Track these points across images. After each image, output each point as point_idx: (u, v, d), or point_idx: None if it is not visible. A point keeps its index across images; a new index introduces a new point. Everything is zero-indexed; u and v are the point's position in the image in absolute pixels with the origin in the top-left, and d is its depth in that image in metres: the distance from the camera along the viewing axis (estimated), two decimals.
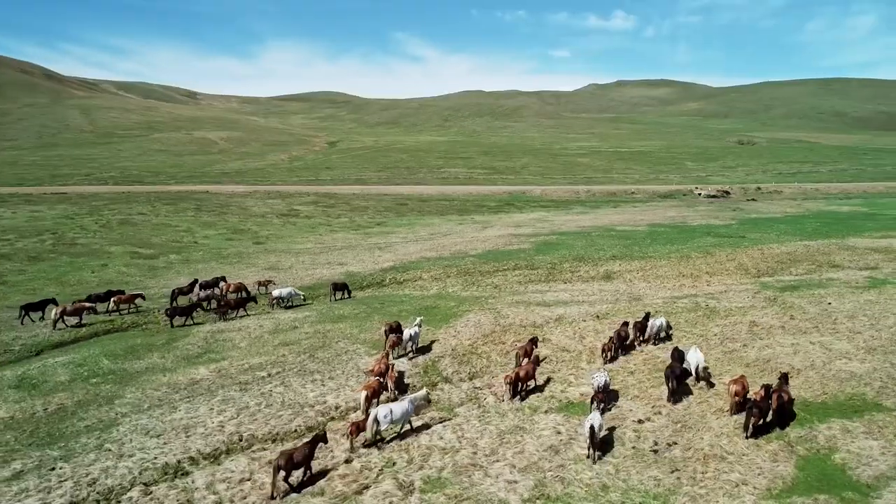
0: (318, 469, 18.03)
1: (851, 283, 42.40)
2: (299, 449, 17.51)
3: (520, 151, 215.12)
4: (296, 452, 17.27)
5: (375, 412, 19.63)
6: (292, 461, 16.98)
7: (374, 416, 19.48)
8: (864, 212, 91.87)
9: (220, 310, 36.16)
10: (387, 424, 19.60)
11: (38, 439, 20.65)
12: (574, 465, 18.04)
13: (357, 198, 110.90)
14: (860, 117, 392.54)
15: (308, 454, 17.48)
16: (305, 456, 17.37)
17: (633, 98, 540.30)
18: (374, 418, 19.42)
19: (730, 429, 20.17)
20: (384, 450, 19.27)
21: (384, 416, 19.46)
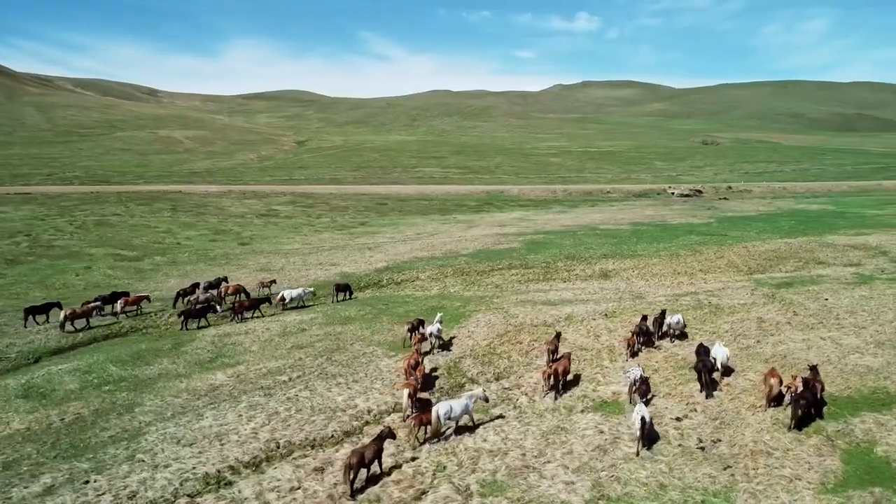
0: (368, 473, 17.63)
1: (841, 279, 43.60)
2: (369, 446, 17.44)
3: (492, 151, 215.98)
4: (367, 450, 17.21)
5: (437, 408, 19.78)
6: (363, 459, 16.95)
7: (436, 411, 19.59)
8: (832, 210, 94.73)
9: (237, 311, 35.41)
10: (446, 420, 19.80)
11: (62, 451, 19.70)
12: (626, 465, 18.02)
13: (335, 197, 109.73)
14: (816, 119, 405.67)
15: (378, 451, 17.49)
16: (375, 453, 17.39)
17: (598, 98, 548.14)
18: (437, 414, 19.52)
19: (767, 424, 20.44)
20: (431, 453, 18.95)
21: (445, 412, 19.70)
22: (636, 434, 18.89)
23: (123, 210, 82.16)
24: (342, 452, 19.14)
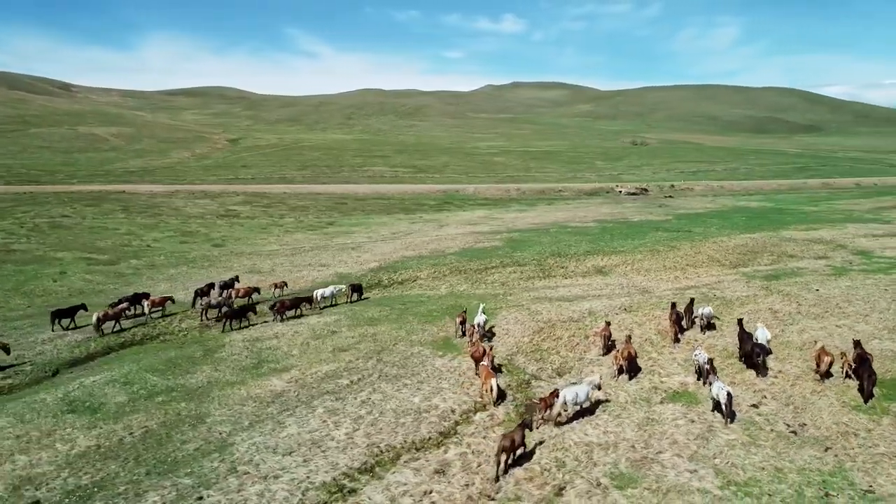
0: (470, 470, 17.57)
1: (818, 271, 46.69)
2: (516, 432, 18.25)
3: (435, 151, 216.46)
4: (515, 436, 17.99)
5: (564, 393, 20.65)
6: (514, 444, 17.70)
7: (563, 397, 20.57)
8: (772, 207, 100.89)
9: (279, 310, 34.70)
10: (572, 406, 20.69)
11: (152, 467, 18.49)
12: (732, 451, 18.79)
13: (291, 197, 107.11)
14: (731, 121, 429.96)
15: (521, 439, 18.25)
16: (522, 439, 18.27)
17: (528, 99, 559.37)
18: (563, 399, 20.50)
19: (837, 407, 21.82)
20: (544, 450, 19.07)
21: (571, 397, 20.58)
22: (724, 408, 20.36)
23: (71, 211, 77.12)
24: (452, 453, 19.01)
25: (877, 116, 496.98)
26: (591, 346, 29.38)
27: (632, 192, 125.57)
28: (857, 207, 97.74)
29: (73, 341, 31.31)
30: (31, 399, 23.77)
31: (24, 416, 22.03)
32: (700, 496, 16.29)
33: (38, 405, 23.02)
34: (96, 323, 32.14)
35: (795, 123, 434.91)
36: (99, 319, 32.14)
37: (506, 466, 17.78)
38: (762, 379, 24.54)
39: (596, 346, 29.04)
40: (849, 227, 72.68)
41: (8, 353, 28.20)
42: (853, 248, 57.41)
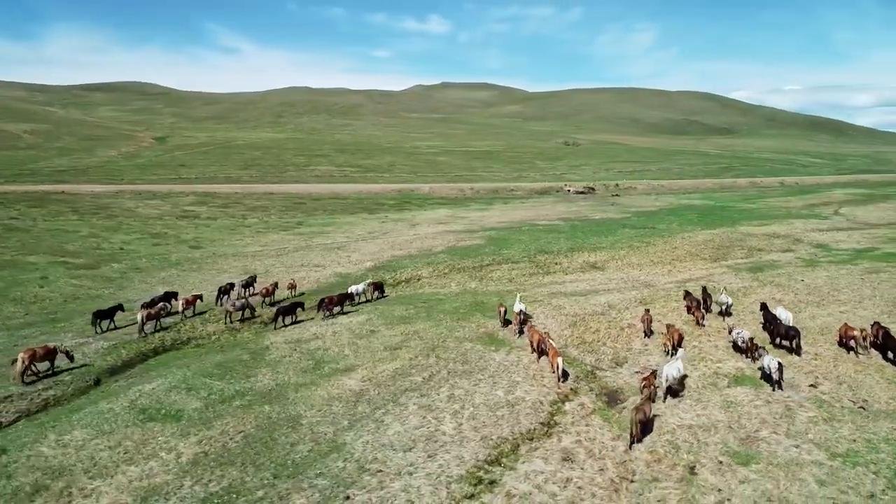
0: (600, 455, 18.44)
1: (792, 263, 50.38)
2: (645, 406, 20.29)
3: (376, 150, 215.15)
4: (645, 408, 20.14)
5: (667, 369, 22.59)
6: (646, 416, 20.02)
7: (666, 373, 22.81)
8: (714, 205, 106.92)
9: (326, 308, 34.90)
10: (672, 380, 22.55)
11: (276, 470, 18.14)
12: (818, 427, 20.46)
13: (246, 197, 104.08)
14: (653, 123, 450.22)
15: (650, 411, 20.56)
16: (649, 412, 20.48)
17: (457, 99, 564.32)
18: (666, 375, 22.40)
19: (884, 383, 24.12)
20: (651, 434, 20.05)
21: (674, 373, 22.64)
22: (774, 378, 23.08)
23: (17, 213, 71.96)
24: (567, 442, 19.72)
25: (782, 120, 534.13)
26: (632, 337, 30.77)
27: (580, 191, 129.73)
28: (791, 205, 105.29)
29: (100, 349, 29.70)
30: (94, 409, 22.55)
31: (101, 427, 20.94)
32: (817, 467, 17.74)
33: (108, 415, 21.90)
34: (141, 323, 31.65)
35: (710, 126, 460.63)
36: (143, 319, 31.63)
37: (640, 436, 19.46)
38: (804, 361, 26.64)
39: (638, 336, 30.54)
40: (795, 223, 78.41)
41: (72, 360, 27.20)
42: (810, 241, 62.15)
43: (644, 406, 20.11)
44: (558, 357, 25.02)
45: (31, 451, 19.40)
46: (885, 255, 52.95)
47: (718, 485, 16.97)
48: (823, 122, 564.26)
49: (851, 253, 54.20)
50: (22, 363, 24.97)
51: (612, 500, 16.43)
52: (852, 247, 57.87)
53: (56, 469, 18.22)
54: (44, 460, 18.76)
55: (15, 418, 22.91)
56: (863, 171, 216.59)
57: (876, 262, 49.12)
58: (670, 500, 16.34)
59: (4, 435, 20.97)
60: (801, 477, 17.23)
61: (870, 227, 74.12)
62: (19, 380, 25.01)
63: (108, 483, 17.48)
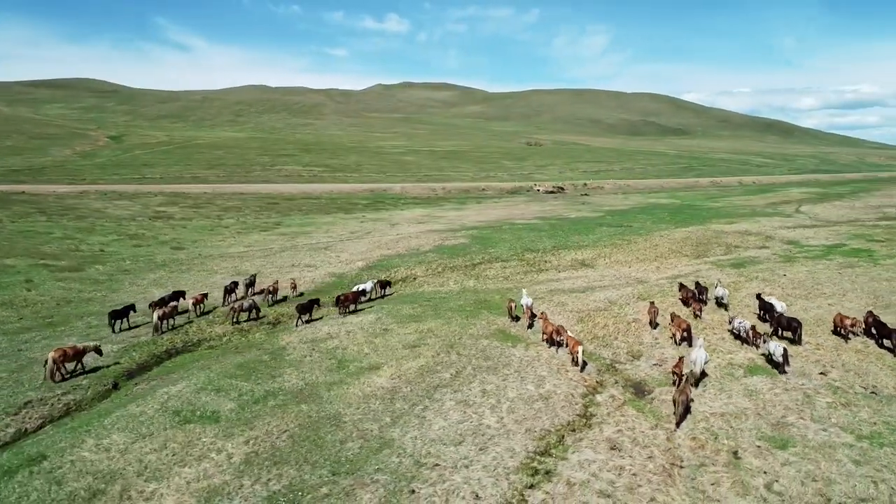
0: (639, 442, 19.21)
1: (770, 259, 52.55)
2: (686, 389, 21.71)
3: (342, 150, 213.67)
4: (687, 391, 21.60)
5: (695, 356, 24.16)
6: (688, 398, 21.46)
7: (693, 358, 24.27)
8: (681, 204, 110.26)
9: (343, 305, 35.63)
10: (698, 367, 23.99)
11: (333, 468, 18.22)
12: (838, 412, 21.65)
13: (216, 197, 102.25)
14: (611, 124, 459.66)
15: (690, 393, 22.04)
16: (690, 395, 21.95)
17: (419, 99, 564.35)
18: (693, 360, 24.19)
19: (887, 370, 25.57)
20: (681, 428, 20.88)
21: (701, 360, 24.49)
22: (780, 361, 24.94)
23: None
24: (609, 432, 20.39)
25: (734, 121, 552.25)
26: (640, 331, 31.77)
27: (550, 190, 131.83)
28: (753, 203, 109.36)
29: (110, 352, 29.04)
30: (125, 413, 22.10)
31: (139, 430, 20.60)
32: (848, 449, 18.84)
33: (142, 418, 21.52)
34: (156, 322, 31.83)
35: (666, 127, 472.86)
36: (160, 318, 31.92)
37: (684, 417, 20.82)
38: (807, 351, 28.03)
39: (646, 331, 31.59)
40: (762, 221, 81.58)
41: (101, 355, 27.54)
42: (781, 238, 64.83)
43: (686, 389, 21.42)
44: (579, 346, 26.30)
45: (73, 455, 18.98)
46: (853, 250, 55.68)
47: (763, 467, 17.88)
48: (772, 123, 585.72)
49: (823, 249, 56.79)
50: (53, 363, 24.81)
51: (668, 484, 17.14)
52: (822, 243, 60.62)
53: (106, 473, 17.91)
54: (90, 465, 18.40)
55: (39, 424, 22.35)
56: (812, 170, 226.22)
57: (847, 258, 51.65)
58: (723, 483, 17.14)
59: (37, 441, 20.43)
60: (837, 458, 18.29)
61: (832, 225, 77.68)
62: (50, 380, 24.79)
63: (166, 485, 17.29)
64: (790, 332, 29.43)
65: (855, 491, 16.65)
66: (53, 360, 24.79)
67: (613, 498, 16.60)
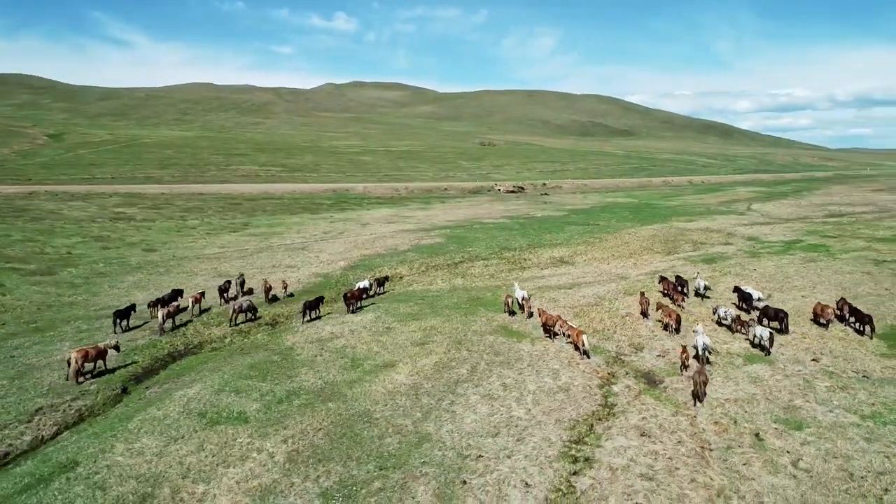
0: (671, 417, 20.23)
1: (737, 255, 55.09)
2: (703, 371, 23.43)
3: (296, 150, 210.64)
4: (704, 372, 23.49)
5: (700, 341, 26.69)
6: (706, 378, 23.21)
7: (700, 342, 26.56)
8: (639, 203, 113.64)
9: (350, 302, 36.13)
10: (707, 349, 26.66)
11: (378, 463, 18.45)
12: (838, 395, 23.26)
13: (175, 198, 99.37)
14: (561, 125, 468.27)
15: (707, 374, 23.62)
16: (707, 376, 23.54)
17: (370, 99, 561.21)
18: (702, 344, 26.50)
19: (870, 355, 27.56)
20: (701, 414, 22.01)
21: (707, 342, 26.96)
22: (766, 345, 27.45)
23: None
24: (634, 420, 21.33)
25: (677, 123, 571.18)
26: (636, 325, 33.00)
27: (511, 190, 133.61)
28: (706, 202, 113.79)
29: (112, 356, 28.25)
30: (147, 416, 21.68)
31: (169, 433, 20.28)
32: (857, 428, 20.32)
33: (167, 421, 21.18)
34: (162, 321, 31.82)
35: (613, 128, 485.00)
36: (163, 318, 31.92)
37: (704, 394, 22.61)
38: (795, 339, 29.79)
39: (643, 324, 32.86)
40: (719, 219, 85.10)
41: (119, 352, 27.99)
42: (741, 235, 67.94)
43: (703, 370, 23.42)
44: (583, 335, 27.88)
45: (106, 460, 18.58)
46: (811, 245, 58.96)
47: (786, 447, 19.10)
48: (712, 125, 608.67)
49: (783, 245, 59.88)
50: (76, 363, 24.88)
51: (703, 466, 18.12)
52: (780, 239, 63.87)
53: (149, 476, 17.63)
54: (129, 469, 18.06)
55: (55, 431, 21.66)
56: (754, 171, 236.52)
57: (808, 252, 54.71)
58: (753, 462, 18.24)
59: (60, 447, 19.85)
60: (850, 436, 19.71)
61: (784, 222, 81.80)
62: (74, 380, 24.86)
63: (215, 486, 17.17)
64: (777, 323, 31.18)
65: (873, 465, 18.02)
66: (76, 360, 24.76)
67: (656, 480, 17.45)
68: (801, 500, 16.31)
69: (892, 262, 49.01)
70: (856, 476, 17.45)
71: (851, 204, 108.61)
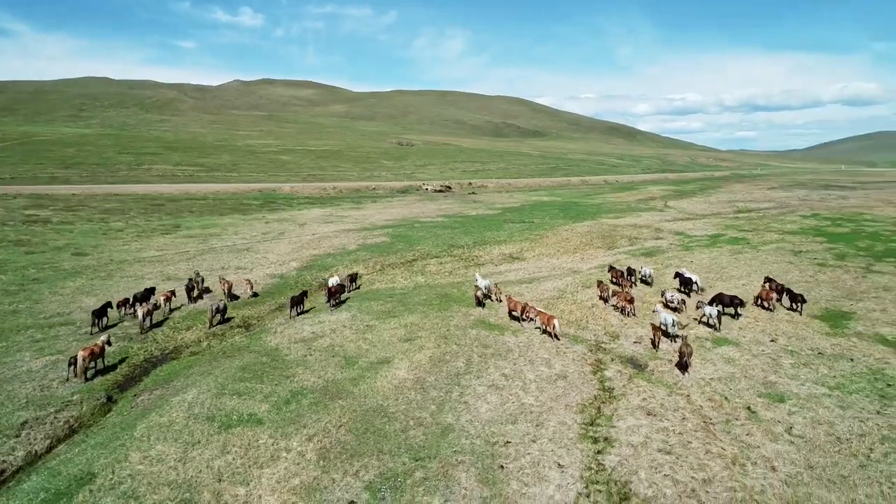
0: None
1: (671, 248, 58.83)
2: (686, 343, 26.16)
3: (210, 148, 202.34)
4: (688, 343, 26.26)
5: (663, 318, 30.26)
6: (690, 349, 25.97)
7: (665, 319, 30.01)
8: (564, 201, 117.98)
9: (333, 297, 36.91)
10: (673, 324, 30.03)
11: (412, 455, 18.73)
12: (802, 370, 25.78)
13: (89, 199, 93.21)
14: (475, 125, 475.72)
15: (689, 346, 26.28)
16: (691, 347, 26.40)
17: (281, 97, 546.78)
18: (669, 320, 29.84)
19: (818, 334, 30.56)
20: (695, 386, 23.78)
21: (672, 319, 30.11)
22: (713, 323, 31.13)
23: None
24: (635, 401, 22.77)
25: (584, 124, 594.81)
26: (605, 315, 34.79)
27: (438, 189, 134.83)
28: (625, 200, 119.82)
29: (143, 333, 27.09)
30: (152, 424, 20.79)
31: (184, 439, 19.58)
32: (829, 398, 22.70)
33: (177, 427, 20.42)
34: (142, 318, 31.71)
35: (525, 129, 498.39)
36: (144, 315, 31.79)
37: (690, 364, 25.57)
38: (748, 322, 32.52)
39: (611, 314, 34.70)
40: (643, 215, 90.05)
41: (110, 346, 27.98)
42: (668, 230, 72.39)
43: (687, 342, 26.41)
44: (554, 319, 30.24)
45: (126, 470, 17.79)
46: (733, 239, 63.84)
47: (777, 418, 21.08)
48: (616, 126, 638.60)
49: (709, 238, 64.46)
50: (83, 361, 25.10)
51: (713, 438, 19.71)
52: (705, 233, 68.66)
53: (182, 483, 17.07)
54: (155, 476, 17.39)
55: (48, 445, 20.37)
56: (660, 170, 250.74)
57: (733, 245, 59.26)
58: (755, 433, 20.04)
59: (66, 460, 18.75)
60: (826, 405, 22.02)
61: (702, 218, 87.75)
62: (82, 378, 25.11)
63: (256, 487, 16.89)
64: (732, 308, 33.88)
65: (853, 429, 20.28)
66: (84, 358, 25.12)
67: (674, 454, 18.83)
68: (806, 462, 18.17)
69: (808, 253, 54.07)
70: (843, 439, 19.60)
71: (754, 200, 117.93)
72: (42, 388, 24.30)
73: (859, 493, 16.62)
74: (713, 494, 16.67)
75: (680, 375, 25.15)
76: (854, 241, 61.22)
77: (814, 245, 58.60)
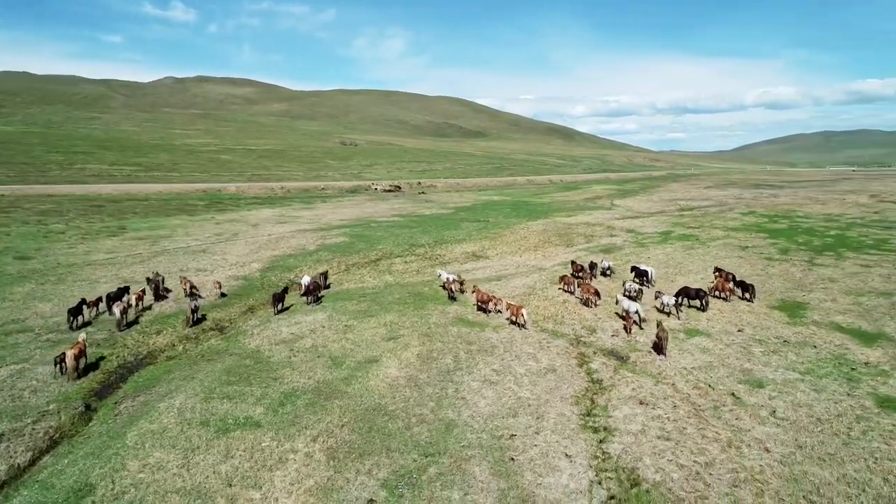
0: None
1: (626, 245, 60.79)
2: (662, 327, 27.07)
3: (146, 148, 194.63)
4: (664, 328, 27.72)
5: (627, 305, 32.32)
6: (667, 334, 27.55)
7: (630, 307, 32.06)
8: (514, 200, 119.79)
9: (311, 294, 37.41)
10: (639, 311, 32.02)
11: (422, 452, 18.76)
12: (772, 357, 27.23)
13: (21, 200, 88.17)
14: (417, 126, 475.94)
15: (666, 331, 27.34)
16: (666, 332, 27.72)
17: (217, 95, 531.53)
18: (635, 309, 31.86)
19: (780, 323, 32.28)
20: (679, 375, 24.76)
21: (635, 309, 32.04)
22: (669, 311, 33.49)
23: None
24: (627, 391, 23.52)
25: (523, 125, 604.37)
26: (579, 310, 35.65)
27: (388, 189, 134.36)
28: (573, 199, 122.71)
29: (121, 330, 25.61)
30: (144, 431, 20.00)
31: (183, 445, 18.94)
32: (803, 383, 24.09)
33: (172, 433, 19.73)
34: (120, 316, 31.49)
35: (466, 129, 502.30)
36: (122, 312, 31.66)
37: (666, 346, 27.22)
38: (716, 314, 34.05)
39: (586, 309, 35.60)
40: (593, 214, 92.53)
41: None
42: (620, 228, 74.67)
43: (663, 326, 28.21)
44: (523, 309, 31.80)
45: (127, 479, 17.09)
46: (682, 235, 66.50)
47: (760, 402, 22.23)
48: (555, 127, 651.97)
49: (660, 235, 66.90)
50: (73, 359, 24.92)
51: (706, 423, 20.61)
52: (655, 230, 71.19)
53: (190, 490, 16.53)
54: (160, 484, 16.77)
55: (31, 458, 19.29)
56: (600, 170, 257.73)
57: (683, 241, 61.74)
58: (743, 417, 21.07)
59: (56, 472, 17.84)
60: (802, 389, 23.36)
61: (649, 216, 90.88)
62: (73, 376, 24.95)
63: (270, 489, 16.55)
64: (698, 301, 35.36)
65: (830, 410, 21.61)
66: (73, 356, 24.96)
67: (673, 440, 19.59)
68: (795, 442, 19.27)
69: (754, 248, 56.95)
70: (823, 420, 20.87)
71: (693, 199, 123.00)
72: (13, 398, 22.98)
73: (848, 468, 17.76)
74: (717, 476, 17.46)
75: (662, 365, 26.11)
76: (793, 236, 64.85)
77: (758, 241, 61.74)
